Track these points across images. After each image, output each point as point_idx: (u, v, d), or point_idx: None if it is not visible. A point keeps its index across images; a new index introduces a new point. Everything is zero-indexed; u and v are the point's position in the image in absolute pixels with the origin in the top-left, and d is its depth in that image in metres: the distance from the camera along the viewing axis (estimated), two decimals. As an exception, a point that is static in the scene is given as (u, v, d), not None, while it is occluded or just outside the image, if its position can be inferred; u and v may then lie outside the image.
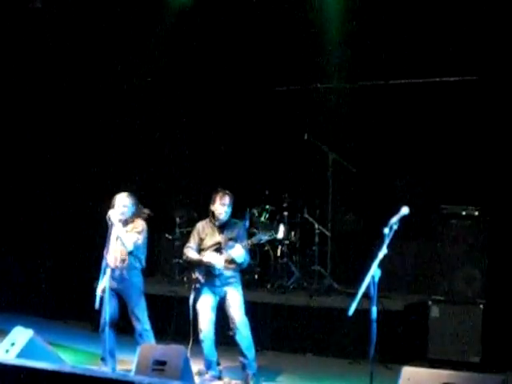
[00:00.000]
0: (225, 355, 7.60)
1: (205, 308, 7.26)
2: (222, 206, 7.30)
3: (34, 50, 10.79)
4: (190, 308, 7.27)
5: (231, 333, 7.25)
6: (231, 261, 7.24)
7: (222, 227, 7.37)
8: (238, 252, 7.16)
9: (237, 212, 9.28)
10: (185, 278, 7.71)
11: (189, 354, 7.05)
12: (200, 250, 7.38)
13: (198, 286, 7.28)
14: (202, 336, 7.22)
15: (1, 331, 7.55)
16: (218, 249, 7.28)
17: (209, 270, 7.25)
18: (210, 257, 7.25)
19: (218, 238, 7.35)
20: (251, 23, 10.18)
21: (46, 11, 10.52)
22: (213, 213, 7.39)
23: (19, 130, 11.08)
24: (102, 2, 10.38)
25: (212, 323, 7.27)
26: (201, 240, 7.40)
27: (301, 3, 9.82)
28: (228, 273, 7.27)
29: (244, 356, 7.22)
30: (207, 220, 7.49)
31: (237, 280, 7.36)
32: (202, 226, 7.48)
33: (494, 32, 8.83)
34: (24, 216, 11.09)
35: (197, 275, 7.29)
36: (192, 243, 7.44)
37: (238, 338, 7.19)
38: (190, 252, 7.39)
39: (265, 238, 7.51)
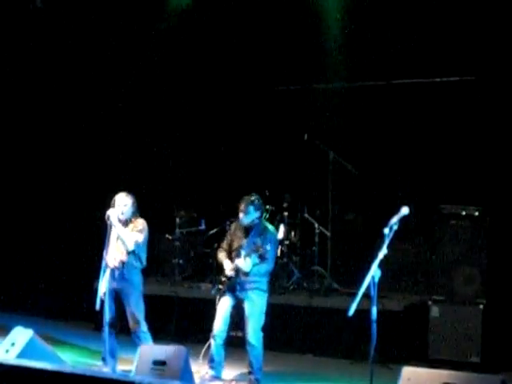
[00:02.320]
0: (227, 355, 7.59)
1: (222, 308, 7.30)
2: (240, 213, 7.32)
3: (34, 49, 10.79)
4: (216, 310, 7.31)
5: (234, 333, 7.27)
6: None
7: (249, 230, 7.34)
8: (241, 262, 7.13)
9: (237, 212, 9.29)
10: (213, 279, 7.73)
11: (202, 356, 7.25)
12: (230, 252, 7.42)
13: (221, 287, 7.32)
14: (213, 334, 7.27)
15: (1, 331, 7.55)
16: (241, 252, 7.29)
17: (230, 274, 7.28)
18: (225, 263, 7.31)
19: (244, 240, 7.33)
20: (251, 23, 10.18)
21: (46, 11, 10.53)
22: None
23: (20, 129, 11.08)
24: (102, 2, 10.39)
25: (226, 324, 7.29)
26: (231, 241, 7.45)
27: (301, 3, 9.82)
28: (245, 278, 7.22)
29: (251, 364, 7.26)
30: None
31: (257, 286, 7.26)
32: (234, 227, 7.53)
33: (494, 32, 8.83)
34: (24, 216, 11.09)
35: (222, 277, 7.34)
36: (224, 245, 7.51)
37: (248, 347, 7.24)
38: (220, 254, 7.46)
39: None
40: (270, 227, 7.49)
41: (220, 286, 7.32)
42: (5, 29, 10.64)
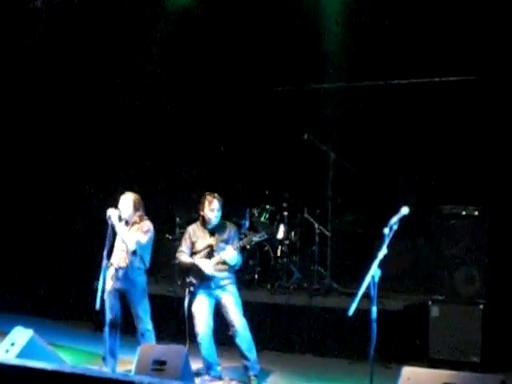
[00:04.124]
0: (225, 355, 7.60)
1: (201, 311, 7.26)
2: (211, 212, 7.30)
3: (34, 50, 10.79)
4: (185, 311, 7.26)
5: (231, 333, 7.25)
6: (224, 263, 7.23)
7: (213, 230, 7.38)
8: (230, 254, 7.17)
9: (237, 212, 9.30)
10: (178, 282, 7.72)
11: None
12: (192, 254, 7.39)
13: (192, 289, 7.28)
14: (199, 338, 7.22)
15: (1, 331, 7.55)
16: (211, 252, 7.28)
17: (202, 273, 7.25)
18: (199, 263, 7.27)
19: (210, 240, 7.35)
20: (250, 23, 10.18)
21: (46, 11, 10.53)
22: (203, 217, 7.39)
23: (20, 129, 11.08)
24: (102, 2, 10.39)
25: (209, 325, 7.27)
26: (192, 243, 7.41)
27: (300, 3, 9.83)
28: (221, 275, 7.26)
29: (246, 358, 7.22)
30: (198, 223, 7.49)
31: (231, 281, 7.35)
32: (193, 229, 7.48)
33: (494, 32, 8.83)
34: (24, 216, 11.09)
35: (191, 279, 7.29)
36: (184, 247, 7.45)
37: (238, 340, 7.19)
38: (183, 256, 7.40)
39: (255, 239, 7.51)
40: (227, 222, 7.59)
41: (192, 288, 7.28)
42: (5, 29, 10.64)
